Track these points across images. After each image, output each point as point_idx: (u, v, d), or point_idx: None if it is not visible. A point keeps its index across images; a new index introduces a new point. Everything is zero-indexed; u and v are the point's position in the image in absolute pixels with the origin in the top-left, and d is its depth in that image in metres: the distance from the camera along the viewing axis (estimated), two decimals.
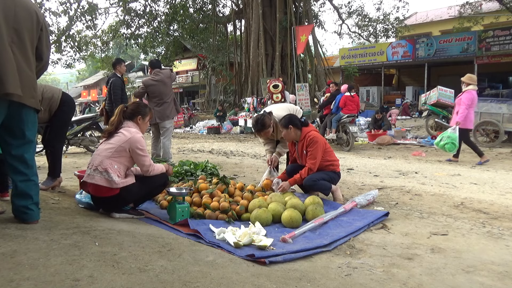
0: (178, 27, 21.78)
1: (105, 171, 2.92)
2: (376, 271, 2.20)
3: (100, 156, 2.99)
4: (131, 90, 29.76)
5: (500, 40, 17.59)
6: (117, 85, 6.26)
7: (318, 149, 3.71)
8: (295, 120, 3.82)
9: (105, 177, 2.92)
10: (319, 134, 3.89)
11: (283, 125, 3.80)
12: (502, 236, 2.82)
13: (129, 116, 3.19)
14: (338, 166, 3.93)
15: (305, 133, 3.79)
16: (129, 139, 3.00)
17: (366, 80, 25.06)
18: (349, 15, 25.64)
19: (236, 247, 2.52)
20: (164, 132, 6.10)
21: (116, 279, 1.79)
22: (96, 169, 2.95)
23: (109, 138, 3.06)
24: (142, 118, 3.22)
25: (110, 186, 2.92)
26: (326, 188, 3.76)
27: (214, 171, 4.61)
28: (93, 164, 2.99)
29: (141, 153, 3.03)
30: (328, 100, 9.63)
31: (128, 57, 48.63)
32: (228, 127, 15.66)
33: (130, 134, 3.03)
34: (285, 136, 3.84)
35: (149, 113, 3.30)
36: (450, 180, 5.03)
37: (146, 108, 3.29)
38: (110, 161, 2.95)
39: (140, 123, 3.22)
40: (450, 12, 24.28)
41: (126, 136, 3.02)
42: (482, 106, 8.62)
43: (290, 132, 3.78)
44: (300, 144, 3.84)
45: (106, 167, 2.93)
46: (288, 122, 3.77)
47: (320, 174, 3.74)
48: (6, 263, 1.87)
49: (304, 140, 3.78)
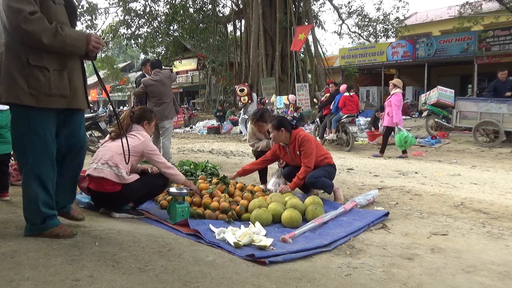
0: (178, 27, 21.78)
1: (116, 166, 2.95)
2: (376, 271, 2.20)
3: (110, 152, 3.00)
4: (131, 90, 29.82)
5: (500, 40, 17.57)
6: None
7: (312, 147, 3.75)
8: (286, 123, 3.86)
9: (115, 172, 2.94)
10: (308, 133, 3.94)
11: (275, 127, 3.82)
12: (502, 236, 2.82)
13: (136, 120, 3.29)
14: (331, 158, 4.00)
15: (295, 135, 3.83)
16: (143, 142, 3.11)
17: (366, 80, 25.05)
18: (349, 15, 25.64)
19: (236, 247, 2.52)
20: (163, 132, 6.10)
21: (116, 279, 1.79)
22: (106, 163, 2.95)
23: (117, 138, 3.07)
24: (148, 123, 3.34)
25: (118, 181, 2.95)
26: (328, 185, 3.78)
27: (214, 171, 4.61)
28: (102, 158, 2.98)
29: (154, 153, 3.16)
30: (328, 100, 9.62)
31: (128, 57, 48.65)
32: (228, 127, 15.66)
33: (143, 137, 3.15)
34: (274, 137, 3.86)
35: (154, 119, 3.44)
36: (450, 180, 5.03)
37: (151, 113, 3.42)
38: (121, 157, 2.95)
39: (147, 128, 3.33)
40: (450, 12, 24.27)
41: (139, 140, 3.11)
42: (482, 106, 8.62)
43: (281, 134, 3.81)
44: (291, 146, 3.86)
45: (116, 163, 2.95)
46: (280, 124, 3.80)
47: (319, 171, 3.77)
48: (6, 263, 1.87)
49: (295, 141, 3.81)
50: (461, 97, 10.17)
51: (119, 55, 48.78)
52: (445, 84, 12.13)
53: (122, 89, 29.59)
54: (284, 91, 17.68)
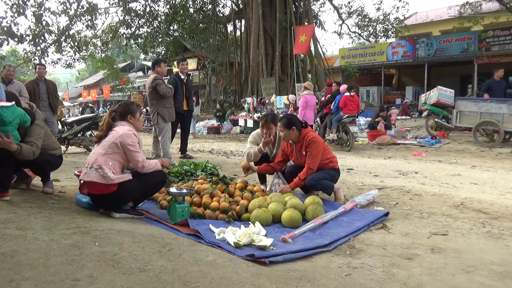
0: (178, 27, 21.76)
1: (100, 168, 2.94)
2: (376, 271, 2.20)
3: (94, 154, 3.03)
4: (131, 90, 29.80)
5: (500, 40, 17.56)
6: (170, 83, 6.41)
7: (318, 149, 3.74)
8: (296, 121, 3.85)
9: (100, 174, 2.94)
10: (317, 135, 3.92)
11: (286, 125, 3.79)
12: (502, 236, 2.82)
13: (120, 117, 3.23)
14: (337, 163, 3.98)
15: (304, 134, 3.82)
16: (121, 135, 3.04)
17: (366, 80, 25.03)
18: (349, 15, 25.63)
19: (236, 247, 2.52)
20: (159, 132, 6.12)
21: (116, 279, 1.79)
22: (92, 166, 2.97)
23: (101, 141, 3.09)
24: (132, 116, 3.24)
25: (106, 182, 2.93)
26: (328, 187, 3.77)
27: (214, 171, 4.61)
28: (89, 163, 3.02)
29: (133, 148, 3.05)
30: (328, 100, 9.63)
31: (128, 57, 48.61)
32: (228, 127, 15.66)
33: (122, 131, 3.07)
34: (285, 136, 3.85)
35: (138, 110, 3.31)
36: (450, 180, 5.03)
37: (133, 105, 3.31)
38: (104, 157, 2.98)
39: (133, 122, 3.24)
40: (450, 12, 24.26)
41: (118, 133, 3.06)
42: (482, 106, 8.62)
43: (292, 133, 3.80)
44: (299, 145, 3.86)
45: (100, 164, 2.95)
46: (291, 123, 3.79)
47: (321, 174, 3.75)
48: (6, 263, 1.87)
49: (303, 141, 3.80)
50: (461, 97, 10.17)
51: (119, 55, 48.72)
52: (445, 84, 12.13)
53: (122, 89, 29.56)
54: (284, 91, 17.68)
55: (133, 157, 3.06)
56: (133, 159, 3.08)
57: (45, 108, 6.82)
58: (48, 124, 6.84)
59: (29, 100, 6.55)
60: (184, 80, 6.77)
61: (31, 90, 6.69)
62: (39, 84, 6.82)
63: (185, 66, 6.79)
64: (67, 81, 56.43)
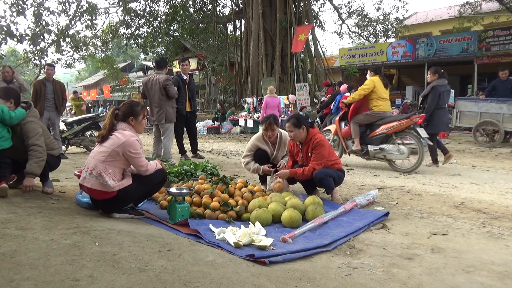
0: (178, 27, 21.76)
1: (100, 176, 2.88)
2: (376, 271, 2.20)
3: (94, 160, 2.95)
4: (131, 90, 29.79)
5: (500, 40, 17.55)
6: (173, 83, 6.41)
7: (324, 153, 3.76)
8: (304, 120, 3.87)
9: (100, 181, 2.89)
10: (324, 137, 3.92)
11: (295, 125, 3.79)
12: (502, 236, 2.82)
13: (122, 118, 3.11)
14: (341, 164, 4.01)
15: (311, 136, 3.83)
16: (122, 143, 2.93)
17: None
18: (349, 15, 25.62)
19: (236, 247, 2.52)
20: (163, 132, 6.12)
21: (116, 279, 1.79)
22: (91, 173, 2.91)
23: (103, 141, 3.02)
24: (135, 118, 3.12)
25: (105, 190, 2.90)
26: (331, 187, 3.80)
27: (214, 171, 4.60)
28: (88, 168, 2.96)
29: (136, 155, 2.97)
30: (328, 102, 9.64)
31: (128, 57, 48.62)
32: (228, 127, 15.66)
33: (124, 138, 2.95)
34: (294, 136, 3.84)
35: (142, 112, 3.16)
36: (450, 180, 5.03)
37: (138, 107, 3.15)
38: (104, 165, 2.91)
39: (134, 124, 3.13)
40: (450, 12, 24.25)
41: (120, 140, 2.94)
42: (482, 106, 8.62)
43: (302, 132, 3.81)
44: (306, 146, 3.87)
45: (100, 172, 2.89)
46: (300, 122, 3.80)
47: (331, 171, 3.79)
48: (6, 263, 1.87)
49: (310, 142, 3.82)
50: (461, 97, 10.17)
51: (119, 55, 48.72)
52: None
53: (122, 89, 29.58)
54: (284, 91, 17.68)
55: (136, 163, 3.02)
56: (136, 165, 3.03)
57: (50, 108, 6.84)
58: (51, 124, 6.87)
59: (35, 99, 6.61)
60: (187, 81, 6.76)
61: (38, 89, 6.73)
62: (46, 84, 6.84)
63: (186, 66, 6.77)
64: (67, 81, 56.39)
